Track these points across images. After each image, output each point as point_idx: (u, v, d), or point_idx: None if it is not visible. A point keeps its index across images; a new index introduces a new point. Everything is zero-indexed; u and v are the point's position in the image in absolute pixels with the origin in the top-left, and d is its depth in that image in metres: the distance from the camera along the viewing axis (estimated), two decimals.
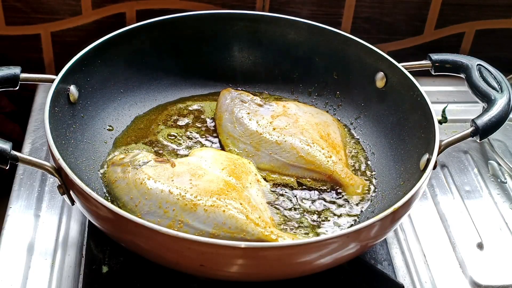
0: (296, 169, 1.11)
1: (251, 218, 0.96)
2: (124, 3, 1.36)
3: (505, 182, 1.24)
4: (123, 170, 1.03)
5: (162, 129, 1.19)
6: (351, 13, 1.42)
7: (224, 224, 0.95)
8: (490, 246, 1.11)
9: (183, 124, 1.20)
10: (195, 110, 1.24)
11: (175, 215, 0.95)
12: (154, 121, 1.21)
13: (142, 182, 1.00)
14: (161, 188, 0.98)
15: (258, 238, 0.94)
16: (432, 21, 1.44)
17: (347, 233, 0.86)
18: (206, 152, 1.09)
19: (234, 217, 0.95)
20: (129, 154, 1.07)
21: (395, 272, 1.05)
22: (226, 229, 0.95)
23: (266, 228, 0.95)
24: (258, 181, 1.07)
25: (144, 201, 0.98)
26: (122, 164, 1.05)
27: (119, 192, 1.01)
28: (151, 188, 0.99)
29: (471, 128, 1.04)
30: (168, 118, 1.22)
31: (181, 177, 1.00)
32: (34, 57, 1.39)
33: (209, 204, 0.96)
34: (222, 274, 0.90)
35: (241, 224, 0.95)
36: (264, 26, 1.28)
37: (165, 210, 0.96)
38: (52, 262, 1.03)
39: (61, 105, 1.06)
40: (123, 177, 1.02)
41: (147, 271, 0.99)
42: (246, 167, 1.07)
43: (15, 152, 0.94)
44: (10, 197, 1.13)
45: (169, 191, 0.98)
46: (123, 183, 1.02)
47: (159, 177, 1.00)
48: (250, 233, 0.94)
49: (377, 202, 1.08)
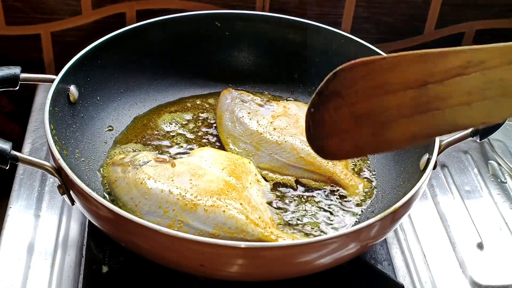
0: (296, 170, 1.11)
1: (251, 218, 0.96)
2: (124, 3, 1.36)
3: (505, 182, 1.24)
4: (123, 170, 1.03)
5: (162, 129, 1.19)
6: (351, 13, 1.42)
7: (224, 224, 0.95)
8: (490, 246, 1.11)
9: (183, 124, 1.20)
10: (195, 110, 1.24)
11: (175, 215, 0.95)
12: (154, 121, 1.21)
13: (142, 182, 1.00)
14: (161, 188, 0.98)
15: (258, 239, 0.94)
16: (432, 21, 1.44)
17: (347, 233, 0.86)
18: (206, 152, 1.09)
19: (234, 217, 0.95)
20: (129, 154, 1.07)
21: (395, 272, 1.05)
22: (226, 229, 0.95)
23: (266, 228, 0.96)
24: (258, 181, 1.06)
25: (144, 200, 0.98)
26: (122, 164, 1.05)
27: (119, 192, 1.01)
28: (151, 188, 0.99)
29: (471, 128, 1.04)
30: (168, 118, 1.22)
31: (181, 177, 1.00)
32: (34, 57, 1.39)
33: (209, 204, 0.96)
34: (222, 274, 0.90)
35: (241, 225, 0.95)
36: (264, 26, 1.28)
37: (165, 210, 0.96)
38: (52, 262, 1.03)
39: (61, 105, 1.07)
40: (123, 177, 1.02)
41: (147, 271, 0.99)
42: (246, 167, 1.07)
43: (15, 152, 0.94)
44: (10, 197, 1.13)
45: (169, 191, 0.98)
46: (123, 183, 1.02)
47: (159, 177, 1.00)
48: (250, 234, 0.94)
49: (377, 202, 1.08)
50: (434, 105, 0.79)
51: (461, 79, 0.78)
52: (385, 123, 0.82)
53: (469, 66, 0.77)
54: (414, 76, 0.80)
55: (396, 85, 0.80)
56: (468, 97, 0.78)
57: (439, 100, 0.79)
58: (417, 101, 0.80)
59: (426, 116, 0.80)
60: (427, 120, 0.80)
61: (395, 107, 0.81)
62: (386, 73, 0.81)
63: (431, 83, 0.79)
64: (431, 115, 0.80)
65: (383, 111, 0.82)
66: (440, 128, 0.81)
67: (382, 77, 0.81)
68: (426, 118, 0.80)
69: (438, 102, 0.79)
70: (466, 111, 0.78)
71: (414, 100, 0.80)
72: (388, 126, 0.82)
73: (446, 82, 0.78)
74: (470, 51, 0.78)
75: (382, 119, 0.82)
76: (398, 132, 0.82)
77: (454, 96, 0.78)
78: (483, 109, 0.78)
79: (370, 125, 0.83)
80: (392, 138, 0.83)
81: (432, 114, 0.80)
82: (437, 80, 0.79)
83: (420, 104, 0.80)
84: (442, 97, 0.78)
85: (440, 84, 0.78)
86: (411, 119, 0.81)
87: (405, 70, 0.80)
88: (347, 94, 0.83)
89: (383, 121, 0.82)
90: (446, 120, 0.80)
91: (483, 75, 0.77)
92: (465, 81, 0.78)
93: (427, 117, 0.80)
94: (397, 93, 0.80)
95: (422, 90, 0.79)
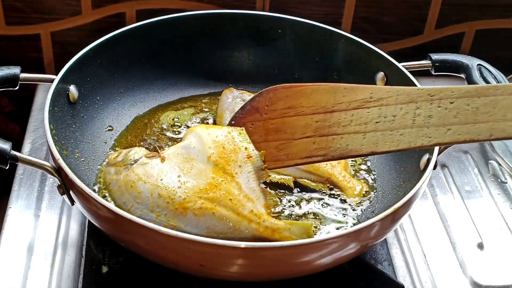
0: (294, 170, 1.11)
1: (243, 214, 0.95)
2: (124, 3, 1.36)
3: (505, 182, 1.24)
4: (116, 171, 1.02)
5: (162, 129, 1.19)
6: (351, 13, 1.41)
7: (215, 226, 0.94)
8: (490, 246, 1.11)
9: (183, 124, 1.20)
10: (195, 109, 1.24)
11: (167, 220, 0.95)
12: (154, 121, 1.21)
13: (133, 185, 0.99)
14: (151, 191, 0.97)
15: (253, 236, 0.94)
16: (432, 21, 1.44)
17: (347, 233, 0.86)
18: (195, 134, 1.05)
19: (224, 218, 0.94)
20: (122, 152, 1.06)
21: (395, 272, 1.05)
22: (219, 231, 0.94)
23: (260, 222, 0.95)
24: (249, 157, 1.02)
25: (136, 205, 0.97)
26: (115, 164, 1.04)
27: (113, 196, 1.01)
28: (141, 192, 0.98)
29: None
30: (168, 118, 1.22)
31: (170, 175, 0.99)
32: (34, 57, 1.39)
33: (198, 207, 0.95)
34: (222, 274, 0.90)
35: (234, 224, 0.94)
36: (264, 26, 1.28)
37: (157, 214, 0.95)
38: (52, 262, 1.03)
39: (61, 105, 1.06)
40: (116, 179, 1.01)
41: (147, 271, 0.99)
42: (235, 144, 1.02)
43: (15, 152, 0.94)
44: (10, 197, 1.12)
45: (159, 194, 0.97)
46: (116, 187, 1.01)
47: (148, 178, 0.99)
48: (244, 232, 0.94)
49: (377, 202, 1.08)
50: (334, 130, 0.92)
51: (361, 110, 0.90)
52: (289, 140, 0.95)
53: (371, 101, 0.89)
54: (324, 103, 0.93)
55: (307, 109, 0.94)
56: (364, 127, 0.89)
57: (339, 126, 0.91)
58: (321, 124, 0.93)
59: (325, 139, 0.93)
60: (325, 143, 0.92)
61: (301, 127, 0.94)
62: (302, 98, 0.95)
63: (336, 111, 0.92)
64: (330, 139, 0.92)
65: (290, 129, 0.95)
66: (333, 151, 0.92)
67: (298, 100, 0.95)
68: (324, 140, 0.93)
69: (338, 128, 0.91)
70: (360, 140, 0.90)
71: (319, 123, 0.93)
72: (290, 144, 0.96)
73: (349, 111, 0.91)
74: (375, 88, 0.91)
75: (288, 136, 0.95)
76: (298, 149, 0.95)
77: (353, 125, 0.90)
78: (373, 140, 0.89)
79: (276, 140, 0.97)
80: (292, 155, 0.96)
81: (332, 138, 0.92)
82: (342, 109, 0.91)
83: (323, 127, 0.93)
84: (343, 124, 0.91)
85: (343, 112, 0.91)
86: (311, 139, 0.93)
87: (318, 97, 0.93)
88: (265, 111, 0.98)
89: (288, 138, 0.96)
90: (341, 145, 0.91)
91: (379, 109, 0.89)
92: (365, 113, 0.90)
93: (326, 140, 0.92)
94: (306, 116, 0.94)
95: (327, 116, 0.92)
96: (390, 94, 0.89)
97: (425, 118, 0.86)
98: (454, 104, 0.84)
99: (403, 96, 0.88)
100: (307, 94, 0.95)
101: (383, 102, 0.89)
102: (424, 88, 0.89)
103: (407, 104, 0.87)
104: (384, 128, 0.88)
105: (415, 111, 0.87)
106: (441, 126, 0.84)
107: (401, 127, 0.87)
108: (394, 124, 0.88)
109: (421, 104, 0.86)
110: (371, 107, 0.89)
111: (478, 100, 0.82)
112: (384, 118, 0.88)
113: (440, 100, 0.85)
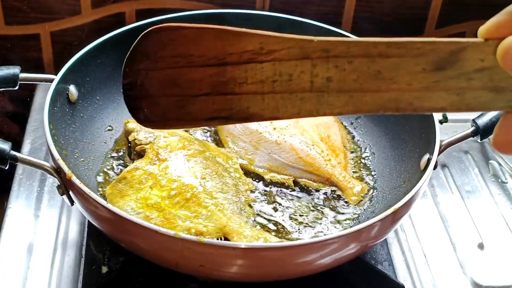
0: (294, 170, 1.11)
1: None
2: (124, 3, 1.36)
3: (505, 182, 1.24)
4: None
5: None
6: (351, 13, 1.41)
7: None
8: (490, 246, 1.11)
9: None
10: None
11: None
12: None
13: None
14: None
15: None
16: (432, 21, 1.44)
17: (347, 234, 0.86)
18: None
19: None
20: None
21: (396, 273, 1.05)
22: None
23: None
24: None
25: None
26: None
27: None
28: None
29: (472, 128, 1.03)
30: None
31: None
32: (34, 56, 1.39)
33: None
34: (222, 275, 0.90)
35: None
36: (264, 26, 1.27)
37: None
38: (52, 262, 1.03)
39: (61, 105, 1.06)
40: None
41: (147, 271, 0.99)
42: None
43: (14, 152, 0.94)
44: (10, 197, 1.12)
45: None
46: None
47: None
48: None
49: (377, 202, 1.07)
50: (231, 89, 0.77)
51: (255, 65, 0.76)
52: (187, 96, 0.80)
53: (262, 53, 0.75)
54: (214, 53, 0.78)
55: (198, 58, 0.78)
56: (261, 86, 0.75)
57: (236, 84, 0.76)
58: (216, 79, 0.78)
59: (224, 98, 0.78)
60: (224, 103, 0.78)
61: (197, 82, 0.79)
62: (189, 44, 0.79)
63: (229, 64, 0.77)
64: (229, 99, 0.78)
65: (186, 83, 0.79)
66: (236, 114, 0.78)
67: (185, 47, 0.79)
68: (223, 100, 0.78)
69: (235, 86, 0.77)
70: (260, 102, 0.76)
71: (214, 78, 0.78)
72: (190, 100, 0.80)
73: (242, 66, 0.76)
74: (265, 37, 0.75)
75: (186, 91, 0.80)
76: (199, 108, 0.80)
77: (249, 83, 0.76)
78: (273, 104, 0.76)
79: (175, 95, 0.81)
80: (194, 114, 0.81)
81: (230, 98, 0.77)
82: (233, 62, 0.77)
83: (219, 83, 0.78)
84: (239, 81, 0.76)
85: (237, 67, 0.76)
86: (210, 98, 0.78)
87: (206, 44, 0.78)
88: (155, 58, 0.81)
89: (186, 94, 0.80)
90: (241, 107, 0.77)
91: (273, 65, 0.75)
92: (258, 68, 0.75)
93: (225, 99, 0.78)
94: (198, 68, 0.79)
95: (220, 70, 0.77)
96: (282, 46, 0.75)
97: (323, 81, 0.73)
98: (353, 64, 0.72)
99: (296, 49, 0.74)
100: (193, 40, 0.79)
101: (276, 55, 0.75)
102: (318, 39, 0.75)
103: (301, 60, 0.74)
104: (282, 89, 0.75)
105: (311, 70, 0.74)
106: (342, 92, 0.72)
107: (299, 89, 0.75)
108: (292, 85, 0.75)
109: (316, 62, 0.74)
110: (264, 61, 0.75)
111: (379, 61, 0.71)
112: (280, 76, 0.75)
113: (337, 58, 0.72)
